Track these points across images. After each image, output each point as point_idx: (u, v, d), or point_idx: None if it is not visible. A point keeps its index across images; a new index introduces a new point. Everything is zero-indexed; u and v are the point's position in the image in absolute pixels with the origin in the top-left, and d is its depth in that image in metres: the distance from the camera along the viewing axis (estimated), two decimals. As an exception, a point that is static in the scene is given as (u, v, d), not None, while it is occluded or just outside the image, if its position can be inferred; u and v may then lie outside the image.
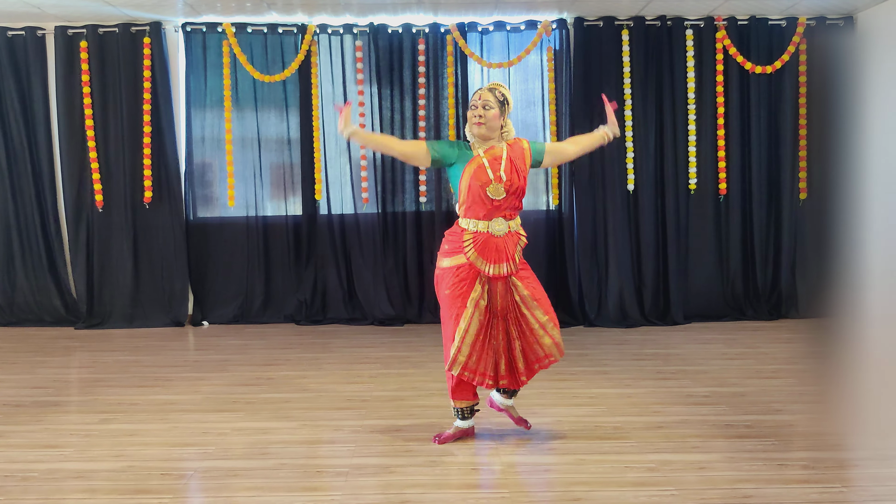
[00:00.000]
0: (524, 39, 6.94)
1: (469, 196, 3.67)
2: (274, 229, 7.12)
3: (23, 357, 5.83)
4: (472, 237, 3.67)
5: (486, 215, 3.66)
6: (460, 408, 3.80)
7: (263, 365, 5.50)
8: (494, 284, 3.68)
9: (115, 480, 3.37)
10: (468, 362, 3.63)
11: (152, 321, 6.96)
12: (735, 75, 6.90)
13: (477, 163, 3.65)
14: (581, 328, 6.77)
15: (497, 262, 3.65)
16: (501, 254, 3.65)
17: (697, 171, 6.92)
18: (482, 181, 3.62)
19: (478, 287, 3.64)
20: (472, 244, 3.66)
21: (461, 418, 3.82)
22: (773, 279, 7.04)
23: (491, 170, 3.64)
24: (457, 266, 3.67)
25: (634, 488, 3.21)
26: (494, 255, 3.65)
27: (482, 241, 3.65)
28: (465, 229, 3.70)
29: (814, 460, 3.48)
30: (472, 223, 3.68)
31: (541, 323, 3.70)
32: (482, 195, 3.63)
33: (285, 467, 3.49)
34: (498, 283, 3.68)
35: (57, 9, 6.47)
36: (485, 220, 3.66)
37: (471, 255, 3.65)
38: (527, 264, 3.81)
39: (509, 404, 3.92)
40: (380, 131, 6.97)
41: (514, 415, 3.93)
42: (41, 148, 6.97)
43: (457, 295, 3.66)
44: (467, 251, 3.65)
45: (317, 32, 6.91)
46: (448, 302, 3.69)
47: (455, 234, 3.74)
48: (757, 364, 5.34)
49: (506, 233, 3.68)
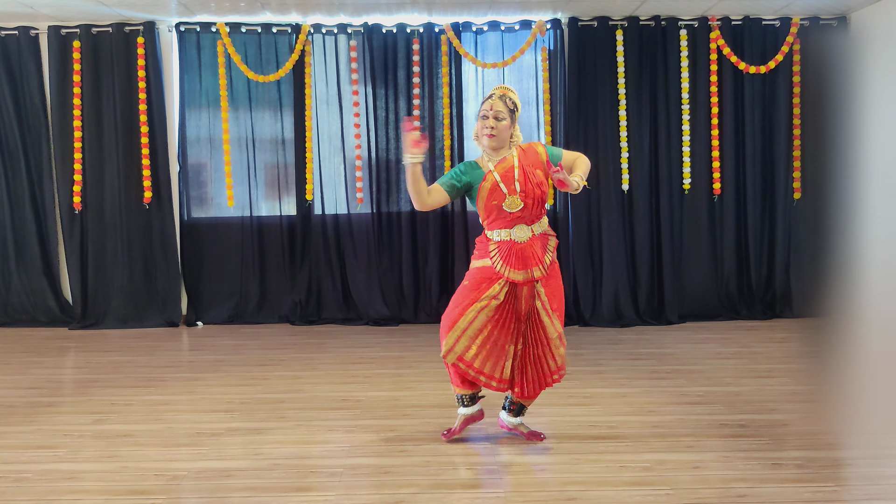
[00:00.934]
0: (518, 39, 6.95)
1: (489, 214, 3.62)
2: (268, 229, 7.12)
3: (16, 357, 5.81)
4: (498, 246, 3.61)
5: (509, 224, 3.62)
6: (461, 395, 3.76)
7: (258, 365, 5.49)
8: (521, 288, 3.61)
9: (108, 481, 3.35)
10: (465, 354, 3.58)
11: (146, 321, 6.95)
12: (729, 75, 6.92)
13: (490, 181, 3.59)
14: (576, 328, 6.77)
15: (525, 268, 3.58)
16: (528, 259, 3.58)
17: (691, 171, 6.94)
18: (497, 199, 3.57)
19: (496, 287, 3.58)
20: (498, 253, 3.61)
21: (463, 405, 3.77)
22: (768, 279, 7.06)
23: (504, 184, 3.57)
24: (483, 267, 3.63)
25: (629, 488, 3.21)
26: (521, 262, 3.58)
27: (507, 248, 3.60)
28: (490, 239, 3.66)
29: (808, 459, 3.49)
30: (496, 233, 3.64)
31: (559, 333, 3.65)
32: (501, 212, 3.59)
33: (279, 468, 3.48)
34: (524, 287, 3.61)
35: (50, 8, 6.45)
36: (507, 229, 3.62)
37: (497, 265, 3.59)
38: (557, 268, 3.71)
39: (517, 423, 3.83)
40: (374, 131, 6.97)
41: (524, 431, 3.84)
42: (35, 148, 6.95)
43: (473, 287, 3.61)
44: (494, 261, 3.60)
45: (311, 32, 6.90)
46: (462, 292, 3.64)
47: (482, 242, 3.70)
48: (751, 363, 5.35)
49: (530, 237, 3.61)
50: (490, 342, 3.60)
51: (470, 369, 3.61)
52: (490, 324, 3.59)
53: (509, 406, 3.83)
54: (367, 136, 6.99)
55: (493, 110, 3.59)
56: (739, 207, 7.01)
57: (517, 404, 3.81)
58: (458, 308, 3.61)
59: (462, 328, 3.58)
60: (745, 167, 6.97)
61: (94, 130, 6.91)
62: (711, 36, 6.87)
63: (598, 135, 6.88)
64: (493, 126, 3.58)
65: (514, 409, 3.82)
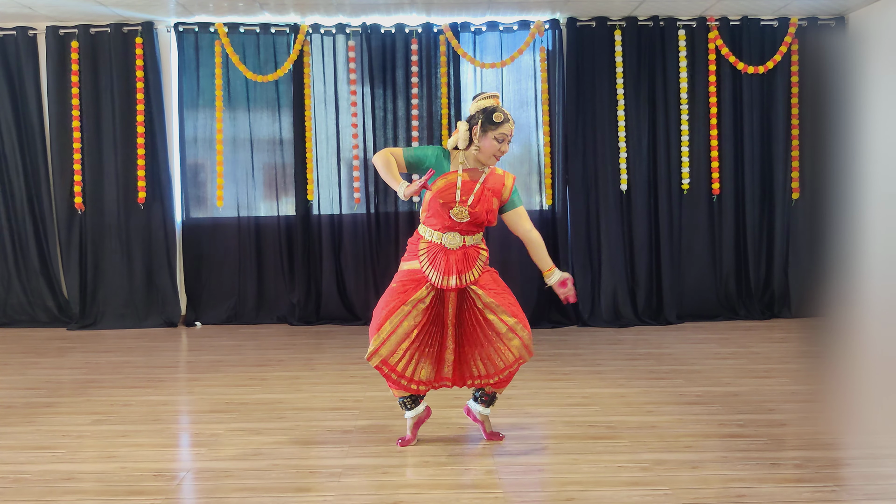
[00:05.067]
0: (517, 40, 6.95)
1: (430, 208, 3.57)
2: (267, 230, 7.12)
3: (15, 358, 5.80)
4: (427, 247, 3.59)
5: (443, 228, 3.57)
6: (402, 398, 3.71)
7: (256, 366, 5.49)
8: (447, 293, 3.59)
9: (107, 482, 3.35)
10: (390, 358, 3.53)
11: (145, 322, 6.95)
12: (727, 75, 6.93)
13: (450, 180, 3.54)
14: (574, 328, 6.78)
15: (447, 275, 3.54)
16: (451, 267, 3.54)
17: (690, 171, 6.94)
18: (447, 200, 3.52)
19: (423, 291, 3.55)
20: (426, 253, 3.58)
21: (407, 409, 3.73)
22: (766, 279, 7.07)
23: (461, 191, 3.52)
24: (412, 269, 3.60)
25: (628, 488, 3.21)
26: (445, 267, 3.54)
27: (435, 251, 3.57)
28: (421, 237, 3.63)
29: (806, 459, 3.49)
30: (428, 231, 3.61)
31: (509, 326, 3.56)
32: (443, 212, 3.54)
33: (278, 468, 3.48)
34: (451, 293, 3.59)
35: (48, 9, 6.44)
36: (440, 232, 3.58)
37: (423, 265, 3.57)
38: (493, 273, 3.69)
39: (486, 414, 3.80)
40: (372, 131, 6.98)
41: (487, 429, 3.82)
42: (33, 148, 6.95)
43: (400, 291, 3.57)
44: (421, 260, 3.58)
45: (309, 32, 6.90)
46: (388, 295, 3.60)
47: (413, 243, 3.67)
48: (750, 363, 5.35)
49: (460, 246, 3.57)
50: (415, 346, 3.57)
51: (392, 372, 3.57)
52: (416, 328, 3.55)
53: (481, 396, 3.77)
54: (364, 137, 7.00)
55: (510, 134, 3.56)
56: (738, 207, 7.02)
57: (489, 394, 3.76)
58: (385, 311, 3.56)
59: (388, 332, 3.53)
60: (744, 167, 6.98)
61: (93, 131, 6.91)
62: (710, 36, 6.87)
63: (596, 135, 6.88)
64: (503, 150, 3.56)
65: (487, 399, 3.77)
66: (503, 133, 3.53)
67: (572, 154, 6.90)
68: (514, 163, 7.00)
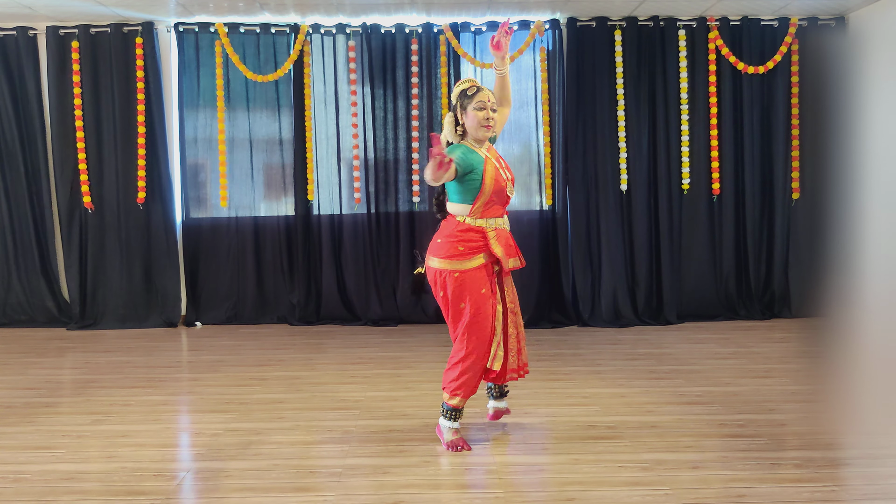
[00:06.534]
0: (517, 40, 6.95)
1: (491, 197, 3.60)
2: (267, 230, 7.11)
3: (15, 358, 5.81)
4: (496, 233, 3.63)
5: (501, 212, 3.68)
6: (461, 408, 3.69)
7: (256, 366, 5.49)
8: (504, 280, 3.72)
9: (107, 482, 3.35)
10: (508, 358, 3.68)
11: (145, 322, 6.95)
12: (727, 75, 6.93)
13: (492, 165, 3.61)
14: (574, 328, 6.78)
15: (513, 256, 3.68)
16: (512, 248, 3.68)
17: (690, 171, 6.94)
18: (502, 182, 3.61)
19: (486, 287, 3.63)
20: (497, 239, 3.62)
21: (454, 420, 3.70)
22: (766, 279, 7.07)
23: (503, 169, 3.66)
24: (479, 266, 3.60)
25: (628, 488, 3.21)
26: (510, 250, 3.66)
27: (499, 235, 3.64)
28: (483, 227, 3.62)
29: (806, 459, 3.49)
30: (489, 222, 3.63)
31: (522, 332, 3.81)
32: (503, 194, 3.63)
33: (278, 468, 3.48)
34: (505, 278, 3.72)
35: (48, 9, 6.44)
36: (496, 218, 3.66)
37: (498, 251, 3.59)
38: None
39: (504, 406, 3.93)
40: (373, 131, 6.98)
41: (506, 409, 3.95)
42: (34, 148, 6.95)
43: (491, 293, 3.63)
44: (494, 248, 3.59)
45: (309, 32, 6.90)
46: (484, 301, 3.59)
47: (469, 234, 3.59)
48: (750, 363, 5.35)
49: (509, 227, 3.74)
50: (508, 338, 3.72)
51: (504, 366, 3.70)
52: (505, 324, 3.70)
53: (502, 389, 3.89)
54: (364, 137, 6.99)
55: (490, 101, 3.61)
56: (738, 207, 7.02)
57: (499, 388, 3.89)
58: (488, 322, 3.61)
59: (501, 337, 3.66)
60: (744, 167, 6.97)
61: (93, 131, 6.91)
62: (710, 36, 6.87)
63: (596, 135, 6.88)
64: (489, 117, 3.61)
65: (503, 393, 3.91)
66: (481, 101, 3.60)
67: (572, 154, 6.90)
68: (515, 163, 7.00)
